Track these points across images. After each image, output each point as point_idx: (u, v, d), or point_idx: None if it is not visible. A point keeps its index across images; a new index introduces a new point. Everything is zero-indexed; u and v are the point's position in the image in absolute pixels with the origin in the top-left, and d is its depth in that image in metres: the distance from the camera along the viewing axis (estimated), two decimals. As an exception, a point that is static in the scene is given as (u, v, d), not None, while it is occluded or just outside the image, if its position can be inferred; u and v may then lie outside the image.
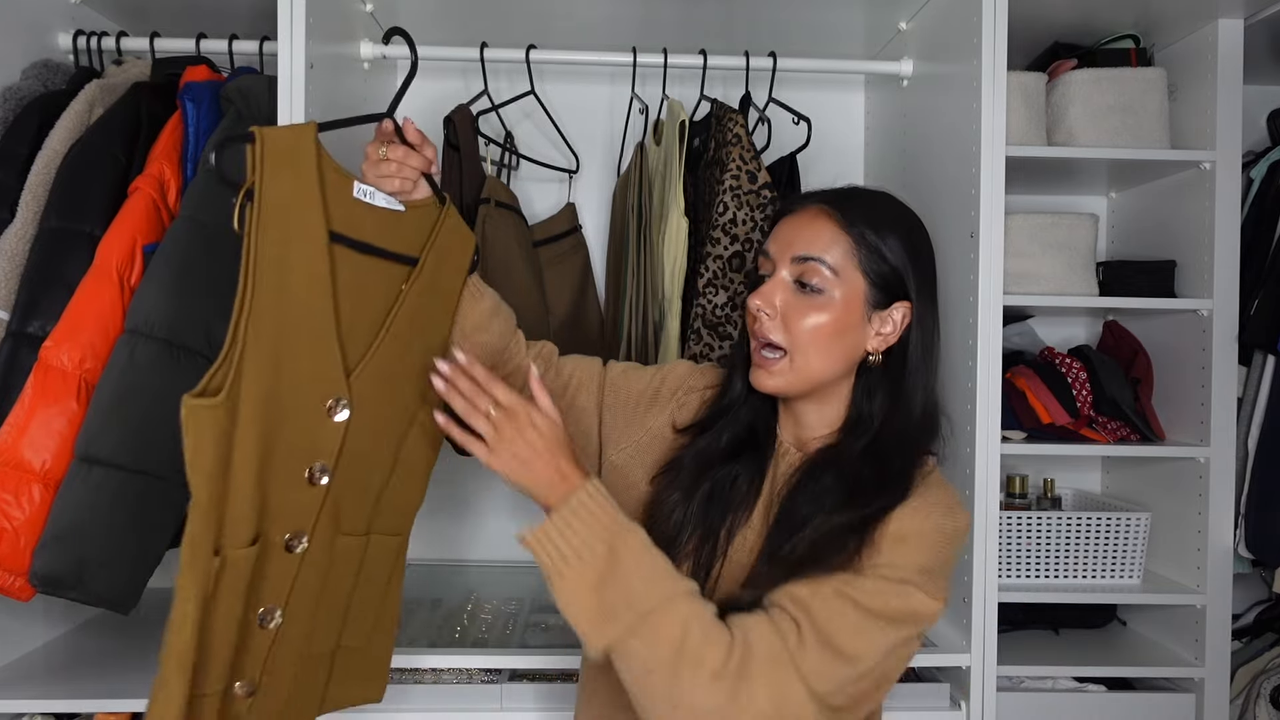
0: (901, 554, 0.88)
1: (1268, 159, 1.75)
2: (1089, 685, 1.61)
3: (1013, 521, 1.66)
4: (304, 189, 0.91)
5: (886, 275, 0.96)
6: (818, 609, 0.85)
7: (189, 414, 0.82)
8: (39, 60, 1.48)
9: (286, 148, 0.91)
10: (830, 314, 0.94)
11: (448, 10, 1.67)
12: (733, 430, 1.03)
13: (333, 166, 0.95)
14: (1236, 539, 1.62)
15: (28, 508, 1.17)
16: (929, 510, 0.90)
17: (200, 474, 0.84)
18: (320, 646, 1.04)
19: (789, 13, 1.65)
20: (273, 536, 0.93)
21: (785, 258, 0.96)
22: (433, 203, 1.05)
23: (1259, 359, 1.68)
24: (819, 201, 0.98)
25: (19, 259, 1.29)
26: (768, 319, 0.95)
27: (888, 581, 0.86)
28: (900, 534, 0.89)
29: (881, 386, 0.98)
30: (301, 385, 0.92)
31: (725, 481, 1.00)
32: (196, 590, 0.85)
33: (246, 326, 0.87)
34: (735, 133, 1.56)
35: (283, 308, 0.90)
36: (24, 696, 1.30)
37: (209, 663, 0.90)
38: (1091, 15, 1.66)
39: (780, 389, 0.96)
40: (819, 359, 0.95)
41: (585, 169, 1.90)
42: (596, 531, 0.84)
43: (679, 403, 1.11)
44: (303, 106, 1.31)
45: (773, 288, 0.96)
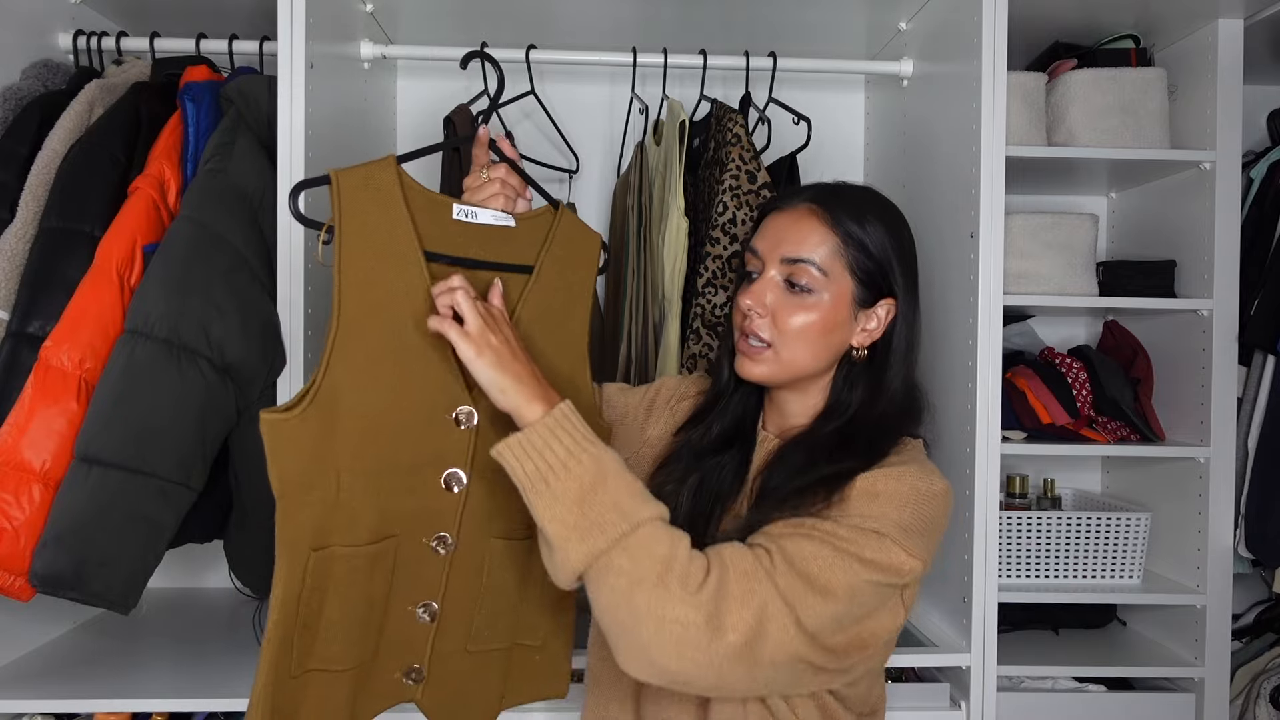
0: (875, 507, 0.88)
1: (1268, 159, 1.75)
2: (1089, 685, 1.62)
3: (1013, 521, 1.66)
4: (389, 217, 0.94)
5: (873, 273, 0.98)
6: (788, 543, 0.85)
7: (264, 427, 0.89)
8: (39, 60, 1.48)
9: (364, 183, 0.94)
10: (819, 313, 0.97)
11: (448, 10, 1.67)
12: (721, 422, 1.07)
13: (424, 194, 0.98)
14: (1236, 539, 1.62)
15: (28, 508, 1.17)
16: (901, 473, 0.91)
17: (278, 480, 0.91)
18: (492, 643, 1.09)
19: (789, 13, 1.65)
20: (416, 537, 0.99)
21: (774, 257, 0.98)
22: (547, 210, 1.08)
23: (1259, 359, 1.68)
24: (806, 200, 1.00)
25: (19, 259, 1.29)
26: (758, 318, 0.98)
27: (860, 530, 0.86)
28: (872, 490, 0.89)
29: (863, 378, 1.01)
30: (422, 399, 0.96)
31: (713, 471, 1.03)
32: (284, 576, 0.91)
33: (333, 349, 0.91)
34: (735, 133, 1.56)
35: (380, 329, 0.93)
36: (24, 696, 1.30)
37: (333, 643, 0.96)
38: (1092, 15, 1.66)
39: (764, 377, 0.99)
40: (805, 354, 0.98)
41: (585, 169, 1.90)
42: (582, 445, 0.85)
43: (673, 410, 1.15)
44: (303, 106, 1.31)
45: (763, 287, 0.98)
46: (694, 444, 1.07)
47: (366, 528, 0.95)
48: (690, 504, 1.01)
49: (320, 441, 0.91)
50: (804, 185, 1.05)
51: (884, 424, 0.99)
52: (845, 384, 1.01)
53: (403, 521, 0.98)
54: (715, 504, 1.01)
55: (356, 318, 0.92)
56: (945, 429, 1.51)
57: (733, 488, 1.03)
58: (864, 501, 0.89)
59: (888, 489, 0.89)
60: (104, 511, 1.16)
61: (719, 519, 1.01)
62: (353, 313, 0.92)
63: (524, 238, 1.04)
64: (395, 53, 1.70)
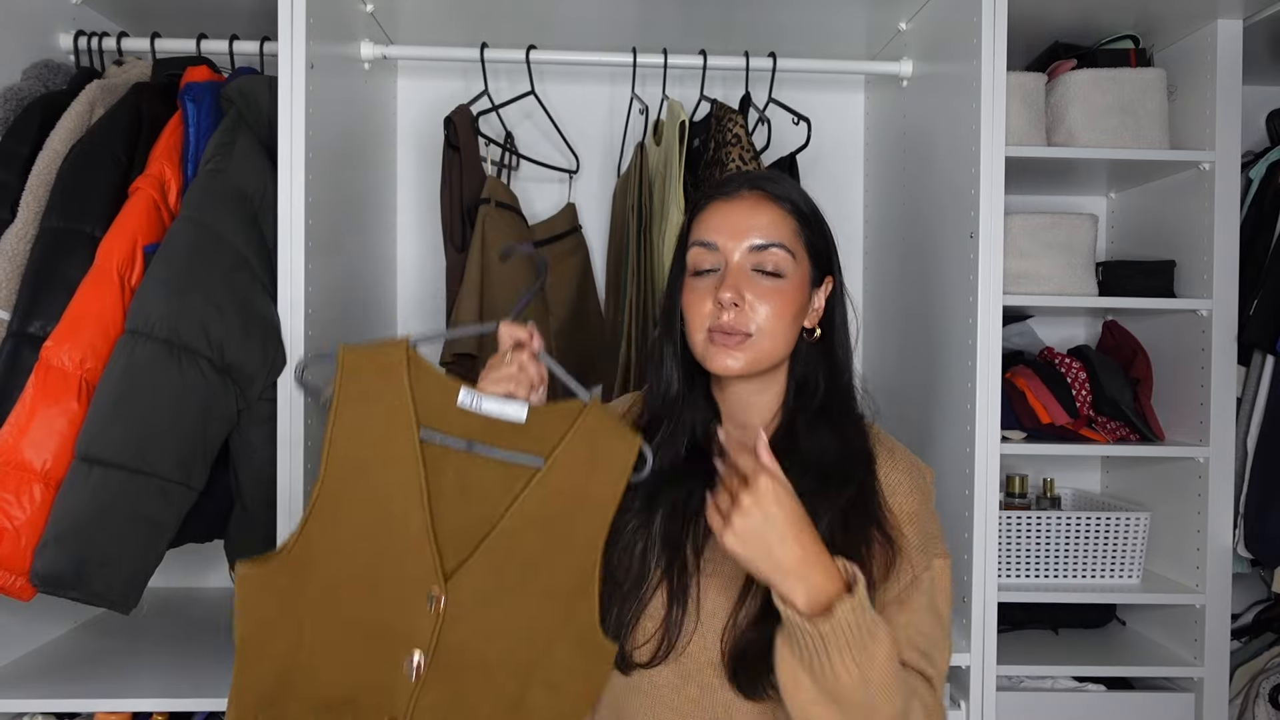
0: (916, 532, 0.96)
1: (1267, 159, 1.75)
2: (1088, 685, 1.62)
3: (1012, 521, 1.67)
4: (389, 391, 0.93)
5: (821, 252, 1.01)
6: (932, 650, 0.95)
7: (237, 578, 0.90)
8: (40, 61, 1.49)
9: (370, 358, 0.94)
10: (789, 297, 0.97)
11: (448, 10, 1.67)
12: (680, 437, 1.02)
13: (435, 376, 0.95)
14: (1236, 539, 1.62)
15: (29, 507, 1.17)
16: (905, 482, 0.98)
17: (241, 628, 0.92)
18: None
19: (789, 13, 1.66)
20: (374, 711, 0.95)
21: (739, 246, 0.96)
22: (573, 405, 0.97)
23: (1258, 359, 1.68)
24: (749, 187, 1.00)
25: (20, 259, 1.29)
26: (736, 309, 0.95)
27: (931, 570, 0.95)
28: (909, 513, 0.96)
29: (820, 359, 1.02)
30: (397, 574, 0.94)
31: (680, 497, 0.98)
32: None
33: (313, 512, 0.92)
34: (735, 133, 1.56)
35: (364, 499, 0.92)
36: (24, 696, 1.30)
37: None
38: (1091, 15, 1.66)
39: (742, 370, 0.96)
40: (780, 340, 0.97)
41: (585, 169, 1.90)
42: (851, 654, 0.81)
43: None
44: (303, 107, 1.31)
45: (735, 277, 0.96)
46: (658, 470, 0.98)
47: (325, 690, 0.93)
48: (664, 537, 0.97)
49: (289, 597, 0.91)
50: (730, 175, 1.05)
51: (849, 407, 1.02)
52: (808, 364, 1.01)
53: (362, 691, 0.95)
54: (688, 529, 0.97)
55: (342, 484, 0.92)
56: (945, 429, 1.51)
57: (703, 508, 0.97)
58: (911, 528, 0.96)
59: (915, 509, 0.97)
60: (105, 511, 1.16)
61: (699, 545, 0.97)
62: (338, 478, 0.92)
63: (538, 430, 0.96)
64: (395, 53, 1.70)
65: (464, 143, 1.64)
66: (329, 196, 1.43)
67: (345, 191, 1.54)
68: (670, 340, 1.03)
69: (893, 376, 1.80)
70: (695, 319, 0.97)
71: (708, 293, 0.97)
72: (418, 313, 1.90)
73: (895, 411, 1.78)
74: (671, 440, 1.01)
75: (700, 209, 1.01)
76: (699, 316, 0.97)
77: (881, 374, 1.87)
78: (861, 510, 0.94)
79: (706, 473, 0.96)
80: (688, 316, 0.98)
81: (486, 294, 1.57)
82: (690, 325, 0.98)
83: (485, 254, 1.57)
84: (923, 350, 1.63)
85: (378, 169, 1.77)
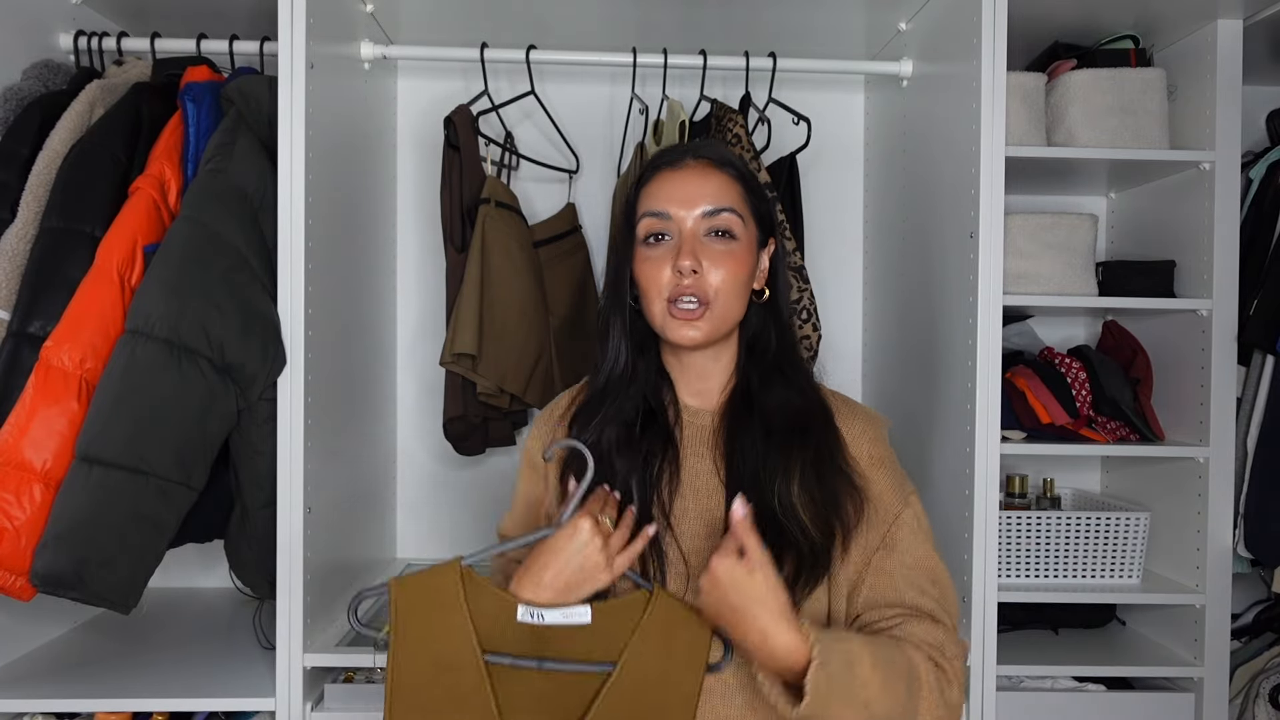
0: (886, 475, 1.00)
1: (1267, 159, 1.75)
2: (1088, 685, 1.62)
3: (1012, 521, 1.66)
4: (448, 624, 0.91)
5: (764, 214, 1.03)
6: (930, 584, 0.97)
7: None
8: (40, 60, 1.49)
9: (423, 590, 0.92)
10: (741, 259, 0.99)
11: (448, 10, 1.67)
12: (628, 411, 1.02)
13: (491, 593, 0.93)
14: (1236, 539, 1.62)
15: (29, 507, 1.17)
16: (869, 430, 1.02)
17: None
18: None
19: (789, 13, 1.66)
20: None
21: (692, 213, 0.98)
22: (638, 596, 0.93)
23: (1258, 359, 1.68)
24: (693, 156, 1.01)
25: (20, 259, 1.29)
26: (696, 276, 0.96)
27: (910, 507, 1.00)
28: (876, 458, 1.01)
29: (769, 318, 1.04)
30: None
31: (639, 464, 0.99)
32: None
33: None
34: (735, 133, 1.56)
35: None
36: (24, 696, 1.30)
37: None
38: (1091, 15, 1.66)
39: (703, 339, 0.98)
40: (735, 304, 0.99)
41: (585, 169, 1.90)
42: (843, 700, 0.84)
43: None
44: (303, 107, 1.31)
45: (692, 244, 0.97)
46: (608, 443, 1.00)
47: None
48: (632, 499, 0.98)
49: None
50: (671, 146, 1.06)
51: (797, 362, 1.04)
52: (758, 324, 1.04)
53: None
54: (648, 493, 0.98)
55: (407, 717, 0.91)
56: (945, 429, 1.51)
57: (665, 476, 1.00)
58: (878, 473, 1.00)
59: (881, 453, 1.02)
60: (105, 511, 1.16)
61: (658, 509, 0.98)
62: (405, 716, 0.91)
63: (605, 631, 0.92)
64: (395, 53, 1.70)
65: (464, 143, 1.64)
66: (329, 196, 1.43)
67: (345, 191, 1.54)
68: (619, 312, 1.03)
69: (893, 376, 1.80)
70: (653, 288, 0.98)
71: (663, 261, 0.97)
72: (418, 312, 1.91)
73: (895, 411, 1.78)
74: (620, 415, 1.02)
75: (647, 180, 1.02)
76: (656, 285, 0.98)
77: (882, 373, 1.87)
78: (829, 460, 0.98)
79: (660, 437, 1.00)
80: (643, 286, 0.99)
81: (486, 294, 1.57)
82: (646, 295, 0.99)
83: (485, 254, 1.58)
84: (923, 350, 1.63)
85: (378, 169, 1.77)
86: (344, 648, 1.37)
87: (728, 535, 0.86)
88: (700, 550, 0.98)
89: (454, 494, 1.92)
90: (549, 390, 1.66)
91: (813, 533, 0.94)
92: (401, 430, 1.91)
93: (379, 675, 1.42)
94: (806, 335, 1.53)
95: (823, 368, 1.09)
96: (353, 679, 1.43)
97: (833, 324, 1.91)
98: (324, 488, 1.41)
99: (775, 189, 1.56)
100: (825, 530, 0.95)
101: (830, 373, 1.91)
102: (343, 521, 1.54)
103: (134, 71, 1.53)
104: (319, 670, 1.37)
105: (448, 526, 1.92)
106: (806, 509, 0.95)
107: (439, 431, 1.73)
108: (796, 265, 1.54)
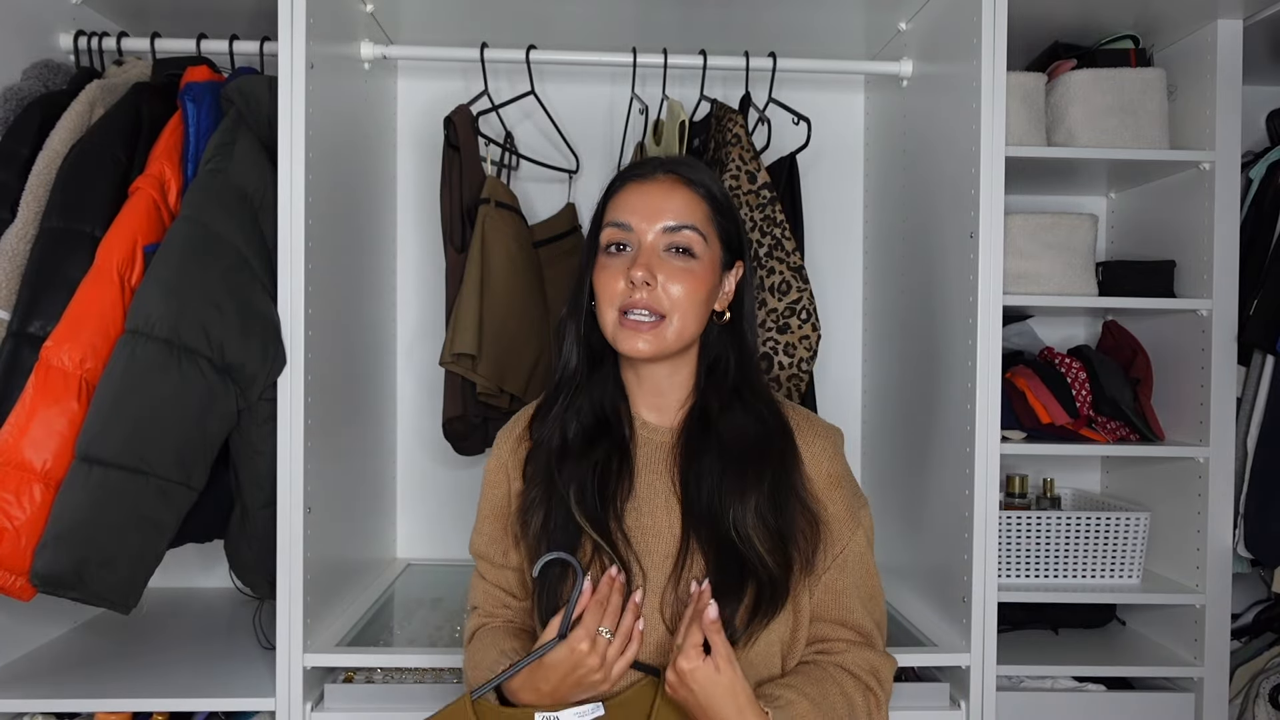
0: (842, 495, 1.02)
1: (1267, 159, 1.75)
2: (1088, 685, 1.62)
3: (1012, 521, 1.66)
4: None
5: (731, 236, 1.03)
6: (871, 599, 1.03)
7: None
8: (40, 60, 1.49)
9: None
10: (700, 278, 0.98)
11: (448, 10, 1.67)
12: (581, 418, 1.03)
13: (504, 714, 0.94)
14: (1235, 539, 1.62)
15: (29, 507, 1.17)
16: (828, 448, 1.03)
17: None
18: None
19: (789, 13, 1.66)
20: None
21: (653, 227, 0.98)
22: (646, 684, 0.95)
23: (1258, 359, 1.68)
24: (664, 170, 1.01)
25: (20, 259, 1.29)
26: (648, 289, 0.96)
27: (861, 527, 1.02)
28: (834, 476, 1.02)
29: (730, 341, 1.04)
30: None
31: (588, 474, 0.99)
32: None
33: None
34: (735, 133, 1.56)
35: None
36: (24, 696, 1.30)
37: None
38: (1091, 15, 1.66)
39: (655, 352, 0.98)
40: (692, 321, 0.98)
41: (585, 169, 1.90)
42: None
43: (518, 456, 1.07)
44: (303, 106, 1.31)
45: (649, 257, 0.97)
46: (551, 444, 1.01)
47: None
48: (586, 514, 0.97)
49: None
50: (645, 159, 1.07)
51: (758, 382, 1.05)
52: (718, 346, 1.04)
53: None
54: (605, 507, 0.98)
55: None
56: (945, 429, 1.51)
57: (618, 488, 1.00)
58: (833, 494, 1.01)
59: (839, 470, 1.03)
60: (105, 511, 1.16)
61: (614, 522, 0.98)
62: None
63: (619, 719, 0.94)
64: (395, 53, 1.70)
65: (464, 143, 1.64)
66: (329, 196, 1.43)
67: (345, 191, 1.54)
68: (575, 318, 1.04)
69: (893, 376, 1.80)
70: (606, 297, 0.99)
71: (620, 271, 0.98)
72: (418, 312, 1.91)
73: (895, 411, 1.78)
74: (574, 415, 1.03)
75: (615, 190, 1.02)
76: (610, 294, 0.98)
77: (882, 373, 1.87)
78: (787, 489, 0.98)
79: (615, 449, 1.01)
80: (599, 294, 1.00)
81: (486, 294, 1.57)
82: (601, 303, 1.00)
83: (485, 254, 1.57)
84: (923, 350, 1.63)
85: (378, 169, 1.77)
86: (344, 648, 1.37)
87: (690, 628, 0.88)
88: (659, 569, 0.98)
89: (454, 494, 1.92)
90: (549, 390, 1.66)
91: (770, 563, 0.94)
92: (401, 430, 1.91)
93: (379, 675, 1.42)
94: (806, 335, 1.53)
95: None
96: (353, 679, 1.43)
97: (833, 324, 1.91)
98: (324, 488, 1.41)
99: (775, 189, 1.56)
100: (783, 561, 0.95)
101: (830, 372, 1.93)
102: (343, 521, 1.54)
103: (134, 71, 1.53)
104: (319, 670, 1.37)
105: (447, 526, 1.92)
106: (763, 539, 0.95)
107: (439, 431, 1.73)
108: (796, 265, 1.54)
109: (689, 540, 0.97)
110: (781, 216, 1.54)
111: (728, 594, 0.93)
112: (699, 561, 0.96)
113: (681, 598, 0.96)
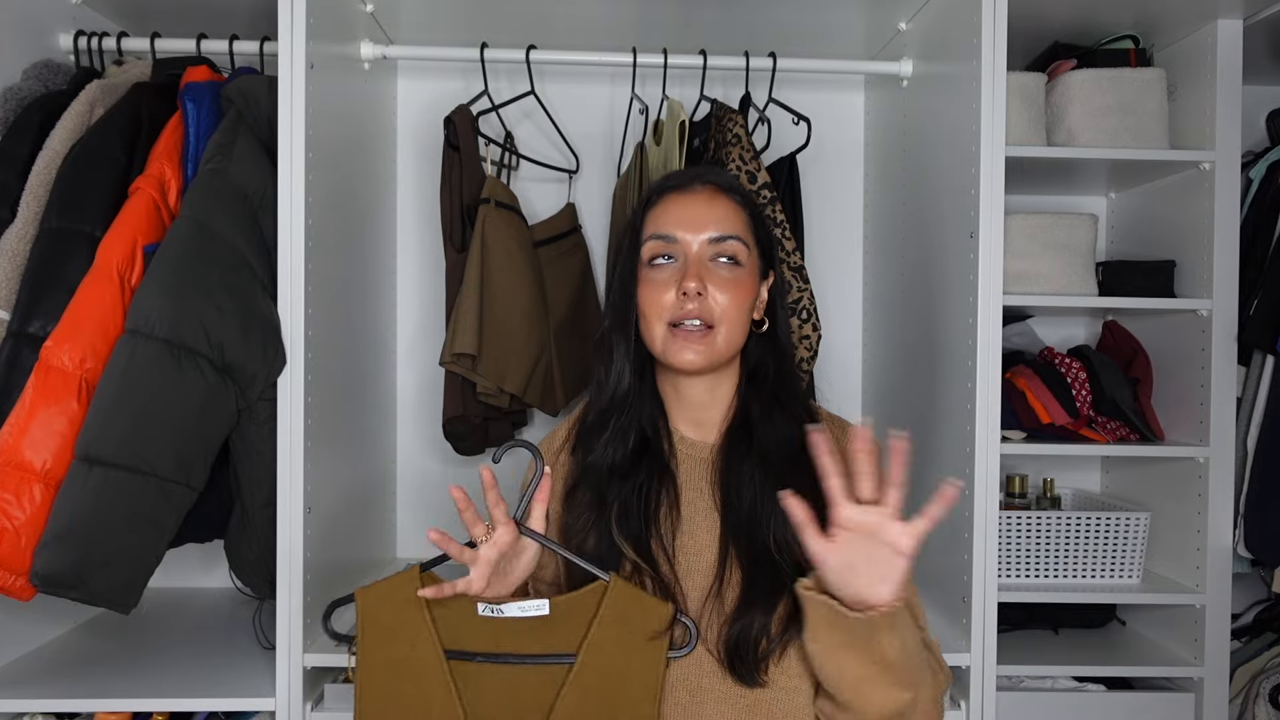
0: None
1: (1267, 159, 1.75)
2: (1088, 685, 1.62)
3: (1012, 521, 1.67)
4: (410, 626, 0.96)
5: (766, 246, 1.04)
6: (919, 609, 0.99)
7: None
8: (40, 60, 1.48)
9: (385, 597, 0.98)
10: (746, 287, 0.99)
11: (448, 10, 1.67)
12: (629, 435, 1.01)
13: (451, 596, 0.97)
14: (1236, 539, 1.62)
15: (29, 507, 1.17)
16: None
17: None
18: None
19: (789, 13, 1.66)
20: None
21: (699, 238, 0.98)
22: (594, 587, 0.95)
23: (1258, 359, 1.68)
24: (702, 181, 1.02)
25: (20, 259, 1.29)
26: (701, 300, 0.96)
27: None
28: None
29: (769, 348, 1.04)
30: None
31: (634, 493, 0.98)
32: None
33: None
34: (735, 133, 1.56)
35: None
36: (24, 696, 1.30)
37: None
38: (1091, 15, 1.66)
39: (703, 363, 0.97)
40: (738, 330, 0.99)
41: (585, 169, 1.90)
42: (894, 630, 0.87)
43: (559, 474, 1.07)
44: (303, 106, 1.31)
45: (698, 268, 0.97)
46: (603, 465, 1.00)
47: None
48: (625, 536, 0.96)
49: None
50: (680, 170, 1.07)
51: (797, 383, 1.05)
52: (758, 354, 1.04)
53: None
54: (647, 527, 0.97)
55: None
56: (945, 429, 1.51)
57: (663, 506, 0.99)
58: None
59: None
60: (105, 511, 1.16)
61: (665, 542, 0.97)
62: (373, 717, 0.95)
63: (565, 620, 0.94)
64: (395, 53, 1.70)
65: (464, 143, 1.64)
66: (329, 196, 1.43)
67: (345, 191, 1.54)
68: (623, 334, 1.02)
69: (893, 376, 1.80)
70: (654, 310, 0.98)
71: (668, 284, 0.97)
72: (418, 312, 1.91)
73: (895, 411, 1.78)
74: (622, 437, 1.01)
75: (653, 203, 1.02)
76: (659, 308, 0.97)
77: (882, 373, 1.87)
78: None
79: (657, 468, 0.99)
80: (644, 309, 0.99)
81: (486, 294, 1.57)
82: (648, 317, 0.99)
83: (485, 254, 1.57)
84: (923, 350, 1.63)
85: (378, 169, 1.77)
86: (344, 648, 1.37)
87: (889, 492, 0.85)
88: (700, 588, 0.97)
89: (454, 494, 1.92)
90: (549, 390, 1.66)
91: (807, 571, 0.93)
92: (401, 430, 1.91)
93: None
94: (806, 335, 1.53)
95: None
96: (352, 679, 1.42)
97: (833, 324, 1.91)
98: (324, 488, 1.41)
99: (775, 189, 1.56)
100: None
101: (830, 372, 1.93)
102: (343, 521, 1.54)
103: (134, 71, 1.53)
104: (319, 670, 1.37)
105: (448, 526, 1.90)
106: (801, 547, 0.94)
107: (439, 431, 1.73)
108: (796, 265, 1.54)
109: (729, 552, 0.96)
110: (781, 216, 1.54)
111: (763, 604, 0.92)
112: (737, 574, 0.95)
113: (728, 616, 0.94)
